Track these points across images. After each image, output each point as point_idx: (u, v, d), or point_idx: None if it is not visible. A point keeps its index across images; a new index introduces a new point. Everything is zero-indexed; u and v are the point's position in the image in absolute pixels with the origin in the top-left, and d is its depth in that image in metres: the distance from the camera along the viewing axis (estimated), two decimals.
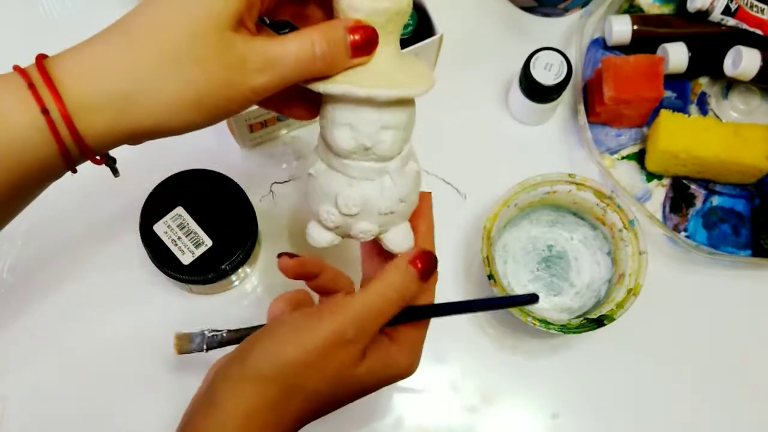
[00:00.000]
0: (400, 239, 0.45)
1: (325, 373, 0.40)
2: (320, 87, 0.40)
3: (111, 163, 0.40)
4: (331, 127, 0.41)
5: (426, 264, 0.42)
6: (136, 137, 0.37)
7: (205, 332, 0.50)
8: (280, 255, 0.43)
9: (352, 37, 0.38)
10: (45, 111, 0.34)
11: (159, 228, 0.56)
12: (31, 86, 0.34)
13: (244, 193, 0.58)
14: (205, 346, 0.50)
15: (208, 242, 0.56)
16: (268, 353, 0.40)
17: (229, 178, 0.58)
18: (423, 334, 0.44)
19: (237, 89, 0.36)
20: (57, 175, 0.38)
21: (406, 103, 0.42)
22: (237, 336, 0.49)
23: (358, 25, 0.38)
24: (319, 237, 0.45)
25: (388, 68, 0.40)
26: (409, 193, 0.44)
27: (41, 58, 0.35)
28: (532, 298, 0.46)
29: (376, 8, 0.39)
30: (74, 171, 0.38)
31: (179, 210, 0.57)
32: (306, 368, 0.39)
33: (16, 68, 0.35)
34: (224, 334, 0.49)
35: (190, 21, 0.34)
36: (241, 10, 0.35)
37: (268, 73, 0.37)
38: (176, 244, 0.56)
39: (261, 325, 0.47)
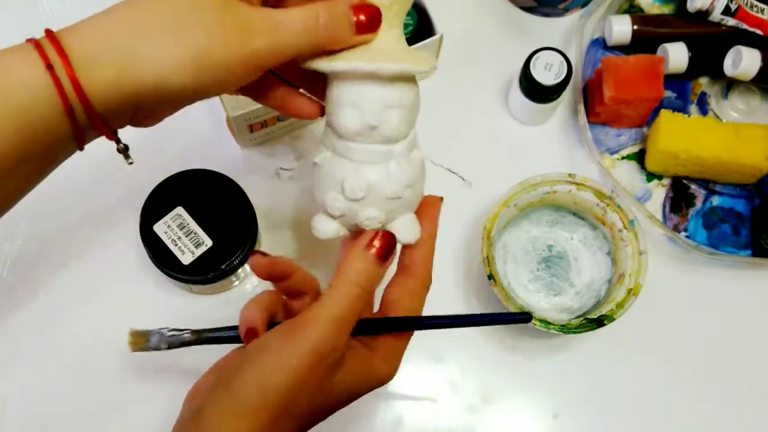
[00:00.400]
0: (406, 229, 0.44)
1: (312, 390, 0.40)
2: (324, 65, 0.40)
3: (123, 149, 0.40)
4: (336, 108, 0.41)
5: (382, 243, 0.41)
6: (140, 98, 0.36)
7: (164, 331, 0.48)
8: (253, 252, 0.43)
9: (356, 16, 0.38)
10: (49, 66, 0.34)
11: (159, 228, 0.56)
12: (38, 46, 0.35)
13: (244, 193, 0.58)
14: (165, 345, 0.48)
15: (208, 242, 0.56)
16: (256, 384, 0.39)
17: (229, 178, 0.58)
18: (405, 344, 0.44)
19: (240, 50, 0.36)
20: (64, 143, 0.37)
21: (411, 82, 0.42)
22: (200, 338, 0.47)
23: (362, 3, 0.38)
24: (325, 228, 0.44)
25: (392, 48, 0.41)
26: (415, 180, 0.43)
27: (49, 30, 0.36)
28: (525, 317, 0.46)
29: None
30: (81, 147, 0.38)
31: (179, 210, 0.57)
32: (295, 392, 0.39)
33: (27, 40, 0.36)
34: (187, 335, 0.47)
35: None
36: None
37: (272, 36, 0.37)
38: (176, 244, 0.56)
39: (226, 327, 0.46)
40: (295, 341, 0.39)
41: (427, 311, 0.64)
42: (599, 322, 0.56)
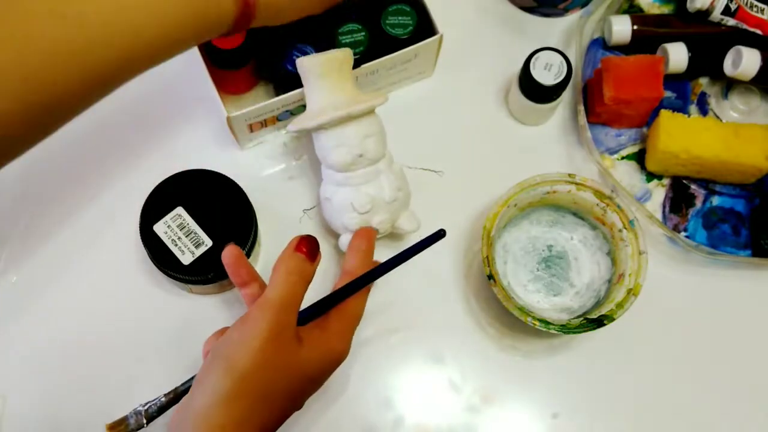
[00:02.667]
0: (409, 222, 0.59)
1: (277, 368, 0.44)
2: (311, 123, 0.54)
3: None
4: (328, 152, 0.55)
5: (308, 246, 0.48)
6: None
7: (139, 408, 0.49)
8: (228, 243, 0.49)
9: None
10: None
11: (159, 228, 0.56)
12: None
13: (244, 193, 0.58)
14: (144, 421, 0.49)
15: (208, 242, 0.56)
16: (225, 371, 0.43)
17: (229, 178, 0.58)
18: (352, 323, 0.50)
19: None
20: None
21: (373, 115, 0.56)
22: (174, 396, 0.49)
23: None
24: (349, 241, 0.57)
25: (351, 94, 0.55)
26: (402, 184, 0.58)
27: None
28: (440, 234, 0.51)
29: (329, 58, 0.54)
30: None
31: (179, 210, 0.57)
32: (261, 371, 0.43)
33: None
34: (162, 399, 0.49)
35: None
36: None
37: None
38: (176, 244, 0.56)
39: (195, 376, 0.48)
40: (250, 326, 0.44)
41: (427, 310, 0.64)
42: (599, 322, 0.56)
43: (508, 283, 0.62)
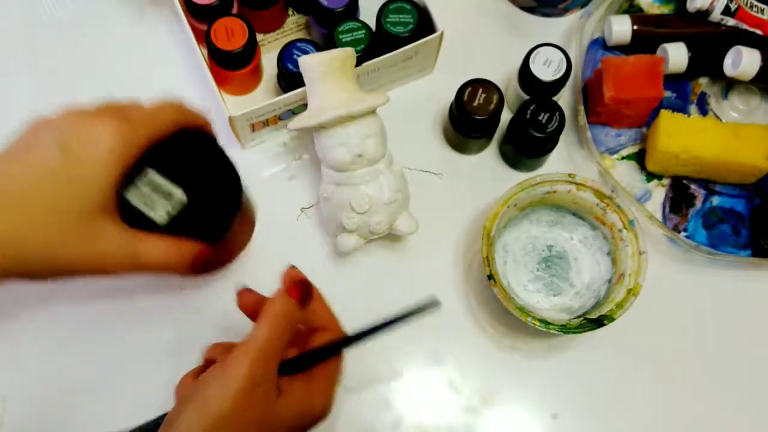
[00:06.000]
0: (407, 224, 0.58)
1: (253, 417, 0.42)
2: (312, 121, 0.54)
3: None
4: (328, 151, 0.55)
5: (301, 292, 0.46)
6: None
7: None
8: (239, 291, 0.47)
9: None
10: None
11: (131, 194, 0.46)
12: None
13: (222, 151, 0.48)
14: None
15: (183, 198, 0.46)
16: (197, 416, 0.41)
17: (206, 134, 0.49)
18: (334, 376, 0.47)
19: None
20: None
21: (374, 115, 0.56)
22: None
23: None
24: (347, 242, 0.58)
25: (353, 95, 0.55)
26: (401, 185, 0.58)
27: None
28: (434, 303, 0.46)
29: (331, 57, 0.54)
30: None
31: (149, 172, 0.46)
32: (237, 416, 0.41)
33: None
34: None
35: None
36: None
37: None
38: (149, 205, 0.46)
39: (165, 414, 0.46)
40: (228, 372, 0.42)
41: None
42: (599, 322, 0.56)
43: (508, 283, 0.62)
